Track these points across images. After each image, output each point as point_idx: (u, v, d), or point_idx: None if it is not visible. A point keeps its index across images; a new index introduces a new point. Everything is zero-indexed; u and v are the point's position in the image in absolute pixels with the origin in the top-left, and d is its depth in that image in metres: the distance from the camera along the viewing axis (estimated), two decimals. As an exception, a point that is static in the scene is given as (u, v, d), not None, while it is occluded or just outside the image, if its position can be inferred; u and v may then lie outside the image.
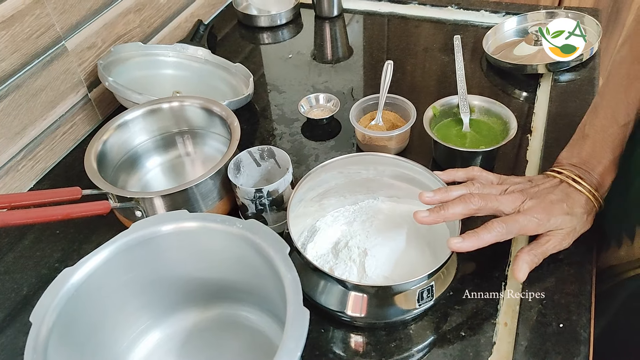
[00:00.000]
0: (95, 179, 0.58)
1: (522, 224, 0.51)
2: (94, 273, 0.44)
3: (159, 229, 0.47)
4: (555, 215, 0.52)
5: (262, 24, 1.02)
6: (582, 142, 0.58)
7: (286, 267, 0.42)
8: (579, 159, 0.56)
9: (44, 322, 0.40)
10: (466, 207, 0.50)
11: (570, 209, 0.52)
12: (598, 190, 0.55)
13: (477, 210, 0.51)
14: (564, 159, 0.58)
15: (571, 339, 0.50)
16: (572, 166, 0.56)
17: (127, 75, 0.78)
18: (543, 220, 0.51)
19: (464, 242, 0.49)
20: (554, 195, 0.53)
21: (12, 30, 0.64)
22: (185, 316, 0.53)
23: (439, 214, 0.50)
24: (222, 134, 0.69)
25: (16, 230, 0.66)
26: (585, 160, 0.56)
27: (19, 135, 0.69)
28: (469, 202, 0.51)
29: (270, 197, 0.58)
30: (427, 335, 0.52)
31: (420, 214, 0.50)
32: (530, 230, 0.52)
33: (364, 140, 0.71)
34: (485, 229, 0.50)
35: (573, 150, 0.58)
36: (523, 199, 0.52)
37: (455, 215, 0.50)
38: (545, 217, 0.51)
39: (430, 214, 0.50)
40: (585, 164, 0.56)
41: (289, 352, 0.36)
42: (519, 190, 0.53)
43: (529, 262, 0.51)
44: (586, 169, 0.55)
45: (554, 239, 0.52)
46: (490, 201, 0.51)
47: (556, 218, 0.52)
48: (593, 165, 0.55)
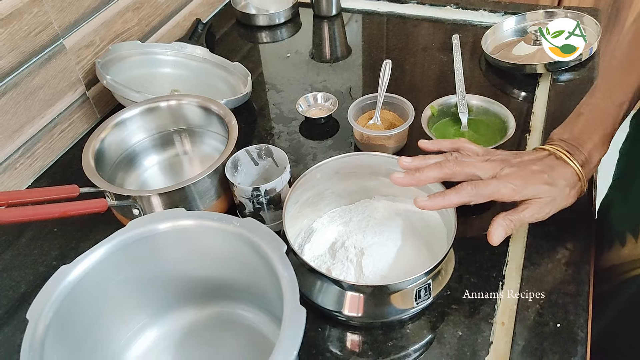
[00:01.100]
0: (93, 177, 0.57)
1: (495, 188, 0.50)
2: (91, 271, 0.44)
3: (156, 227, 0.47)
4: (533, 183, 0.51)
5: (260, 22, 1.02)
6: (575, 120, 0.57)
7: (283, 265, 0.42)
8: (570, 135, 0.55)
9: (41, 320, 0.40)
10: (441, 171, 0.51)
11: (551, 180, 0.51)
12: (584, 167, 0.53)
13: (451, 174, 0.51)
14: (555, 134, 0.57)
15: (568, 339, 0.50)
16: (562, 141, 0.55)
17: (125, 73, 0.78)
18: (519, 187, 0.50)
19: (430, 200, 0.49)
20: (536, 166, 0.52)
21: (10, 28, 0.64)
22: (182, 314, 0.53)
23: (414, 176, 0.51)
24: (220, 133, 0.69)
25: (14, 228, 0.66)
26: (576, 137, 0.55)
27: (17, 133, 0.69)
28: (444, 166, 0.51)
29: (268, 195, 0.58)
30: (424, 335, 0.52)
31: (396, 174, 0.51)
32: (504, 196, 0.50)
33: (362, 139, 0.71)
34: (453, 190, 0.50)
35: (566, 127, 0.57)
36: (502, 166, 0.52)
37: (429, 178, 0.51)
38: (522, 184, 0.50)
39: (405, 175, 0.51)
40: (575, 140, 0.55)
41: (286, 351, 0.36)
42: (500, 160, 0.53)
43: (504, 226, 0.50)
44: (575, 145, 0.54)
45: (531, 207, 0.51)
46: (466, 167, 0.51)
47: (534, 186, 0.50)
48: (583, 141, 0.54)
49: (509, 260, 0.57)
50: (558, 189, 0.51)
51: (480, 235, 0.61)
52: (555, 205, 0.52)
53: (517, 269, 0.56)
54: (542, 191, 0.51)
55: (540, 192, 0.51)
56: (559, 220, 0.60)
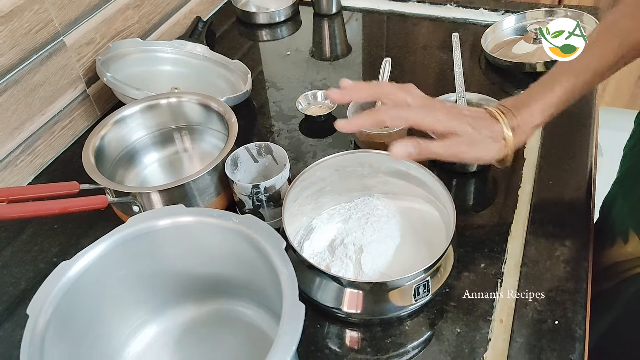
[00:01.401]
0: (93, 173, 0.58)
1: (418, 114, 0.49)
2: (91, 266, 0.44)
3: (156, 224, 0.47)
4: (456, 120, 0.50)
5: (260, 21, 1.02)
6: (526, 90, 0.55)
7: (282, 262, 0.42)
8: (512, 103, 0.54)
9: (41, 315, 0.40)
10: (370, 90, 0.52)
11: (476, 125, 0.50)
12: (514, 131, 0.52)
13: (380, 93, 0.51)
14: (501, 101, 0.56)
15: (566, 336, 0.50)
16: (501, 105, 0.54)
17: (126, 71, 0.78)
18: (442, 118, 0.49)
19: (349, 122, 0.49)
20: (466, 111, 0.52)
21: (10, 25, 0.64)
22: (182, 311, 0.53)
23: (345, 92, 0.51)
24: (220, 130, 0.69)
25: (14, 225, 0.66)
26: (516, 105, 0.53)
27: (18, 130, 0.69)
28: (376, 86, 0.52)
29: (268, 193, 0.58)
30: (423, 332, 0.52)
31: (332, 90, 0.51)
32: (423, 124, 0.49)
33: (362, 137, 0.71)
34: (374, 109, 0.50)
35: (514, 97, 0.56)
36: (436, 103, 0.51)
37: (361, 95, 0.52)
38: (447, 117, 0.49)
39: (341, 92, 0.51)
40: (514, 107, 0.53)
41: (285, 346, 0.36)
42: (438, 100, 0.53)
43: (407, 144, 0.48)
44: (511, 109, 0.53)
45: (447, 141, 0.49)
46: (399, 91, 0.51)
47: (456, 122, 0.50)
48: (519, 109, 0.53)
49: (507, 258, 0.58)
50: (479, 136, 0.50)
51: (480, 233, 0.61)
52: (472, 150, 0.50)
53: (515, 267, 0.57)
54: (463, 130, 0.49)
55: (460, 130, 0.49)
56: (557, 218, 0.60)
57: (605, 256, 0.62)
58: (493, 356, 0.49)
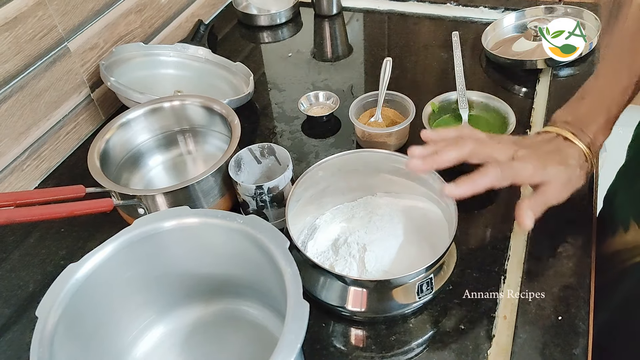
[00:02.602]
0: (99, 177, 0.58)
1: (517, 170, 0.49)
2: (98, 268, 0.45)
3: (161, 225, 0.47)
4: (550, 164, 0.50)
5: (262, 23, 1.03)
6: (578, 102, 0.56)
7: (286, 261, 0.43)
8: (573, 117, 0.55)
9: (50, 317, 0.41)
10: (460, 151, 0.49)
11: (564, 160, 0.51)
12: (590, 148, 0.53)
13: (470, 153, 0.49)
14: (558, 117, 0.56)
15: (570, 331, 0.50)
16: (566, 123, 0.55)
17: (129, 75, 0.79)
18: (539, 168, 0.49)
19: (458, 187, 0.47)
20: (547, 146, 0.52)
21: (15, 32, 0.65)
22: (188, 311, 0.54)
23: (433, 159, 0.48)
24: (223, 132, 0.69)
25: (22, 229, 0.67)
26: (580, 119, 0.54)
27: (24, 135, 0.70)
28: (462, 144, 0.49)
29: (271, 193, 0.58)
30: (427, 329, 0.52)
31: (412, 161, 0.49)
32: (525, 178, 0.50)
33: (364, 137, 0.72)
34: (479, 173, 0.48)
35: (569, 109, 0.56)
36: (516, 148, 0.51)
37: (450, 159, 0.48)
38: (540, 164, 0.50)
39: (424, 161, 0.49)
40: (579, 122, 0.54)
41: (289, 344, 0.37)
42: (512, 142, 0.52)
43: (532, 207, 0.49)
44: (580, 127, 0.54)
45: (551, 189, 0.50)
46: (484, 146, 0.50)
47: (552, 167, 0.50)
48: (587, 124, 0.54)
49: (510, 255, 0.58)
50: (571, 169, 0.51)
51: (482, 230, 0.61)
52: (571, 186, 0.51)
53: (518, 263, 0.57)
54: (559, 172, 0.50)
55: (557, 174, 0.50)
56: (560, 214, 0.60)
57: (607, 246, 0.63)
58: (497, 352, 0.50)
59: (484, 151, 0.50)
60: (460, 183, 0.47)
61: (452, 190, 0.47)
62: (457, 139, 0.51)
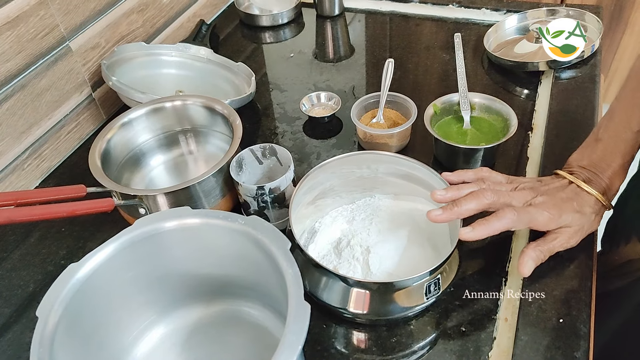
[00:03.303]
0: (100, 176, 0.58)
1: (534, 216, 0.50)
2: (99, 268, 0.45)
3: (162, 226, 0.47)
4: (566, 212, 0.52)
5: (264, 23, 1.03)
6: (594, 145, 0.58)
7: (287, 262, 0.42)
8: (589, 162, 0.56)
9: (50, 317, 0.40)
10: (479, 202, 0.50)
11: (580, 208, 0.52)
12: (606, 194, 0.55)
13: (489, 204, 0.51)
14: (574, 161, 0.58)
15: (571, 334, 0.50)
16: (582, 168, 0.56)
17: (131, 74, 0.79)
18: (555, 216, 0.51)
19: (474, 230, 0.49)
20: (564, 193, 0.53)
21: (17, 30, 0.65)
22: (189, 312, 0.54)
23: (453, 210, 0.50)
24: (225, 133, 0.69)
25: (22, 228, 0.67)
26: (595, 163, 0.56)
27: (25, 134, 0.70)
28: (481, 196, 0.50)
29: (272, 194, 0.58)
30: (428, 331, 0.52)
31: (433, 212, 0.50)
32: (541, 224, 0.51)
33: (366, 138, 0.72)
34: (496, 217, 0.50)
35: (584, 153, 0.58)
36: (534, 194, 0.52)
37: (469, 210, 0.50)
38: (556, 212, 0.51)
39: (444, 211, 0.50)
40: (595, 167, 0.56)
41: (291, 345, 0.37)
42: (529, 188, 0.54)
43: (534, 257, 0.51)
44: (595, 172, 0.55)
45: (561, 236, 0.52)
46: (502, 196, 0.51)
47: (567, 215, 0.52)
48: (602, 169, 0.55)
49: (512, 257, 0.58)
50: (586, 217, 0.53)
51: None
52: (582, 233, 0.53)
53: (520, 266, 0.57)
54: (574, 219, 0.52)
55: (572, 221, 0.52)
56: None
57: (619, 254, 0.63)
58: (498, 354, 0.50)
59: (502, 201, 0.51)
60: (476, 226, 0.49)
61: (468, 234, 0.49)
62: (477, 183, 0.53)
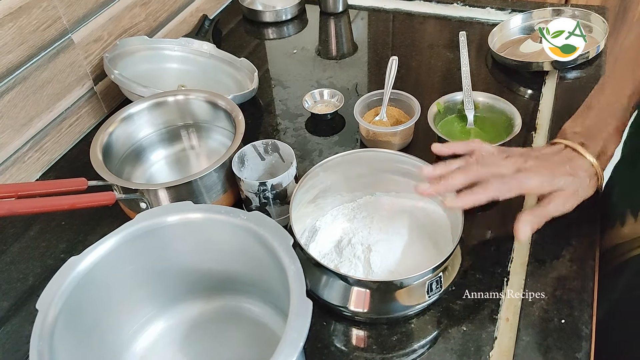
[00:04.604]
0: (101, 170, 0.58)
1: (521, 181, 0.50)
2: (100, 262, 0.44)
3: (164, 220, 0.47)
4: (558, 175, 0.51)
5: (267, 19, 1.02)
6: (587, 113, 0.57)
7: (290, 258, 0.42)
8: (582, 128, 0.56)
9: (50, 310, 0.40)
10: (466, 176, 0.50)
11: (573, 171, 0.52)
12: (600, 157, 0.54)
13: (477, 176, 0.50)
14: (568, 127, 0.57)
15: (573, 334, 0.50)
16: (576, 134, 0.55)
17: (133, 68, 0.78)
18: (546, 178, 0.50)
19: (460, 198, 0.49)
20: (557, 157, 0.53)
21: (19, 22, 0.65)
22: (189, 307, 0.53)
23: (440, 184, 0.50)
24: (227, 128, 0.69)
25: (22, 221, 0.66)
26: (590, 129, 0.55)
27: (26, 126, 0.69)
28: (468, 170, 0.50)
29: (274, 190, 0.58)
30: (429, 330, 0.52)
31: (421, 185, 0.50)
32: (532, 188, 0.51)
33: (368, 135, 0.71)
34: (480, 186, 0.49)
35: (577, 120, 0.57)
36: (524, 159, 0.52)
37: (456, 184, 0.50)
38: (548, 174, 0.50)
39: (432, 185, 0.50)
40: (588, 131, 0.55)
41: (292, 342, 0.36)
42: (520, 154, 0.53)
43: (529, 222, 0.50)
44: (589, 136, 0.54)
45: (556, 200, 0.51)
46: (490, 167, 0.51)
47: (560, 177, 0.51)
48: (596, 133, 0.55)
49: (514, 257, 0.58)
50: (580, 180, 0.52)
51: (486, 231, 0.61)
52: (577, 197, 0.52)
53: (522, 265, 0.56)
54: (567, 182, 0.51)
55: (565, 184, 0.51)
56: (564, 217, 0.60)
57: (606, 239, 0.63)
58: (499, 354, 0.49)
59: (490, 171, 0.51)
60: (461, 196, 0.49)
61: (454, 202, 0.49)
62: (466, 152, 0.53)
